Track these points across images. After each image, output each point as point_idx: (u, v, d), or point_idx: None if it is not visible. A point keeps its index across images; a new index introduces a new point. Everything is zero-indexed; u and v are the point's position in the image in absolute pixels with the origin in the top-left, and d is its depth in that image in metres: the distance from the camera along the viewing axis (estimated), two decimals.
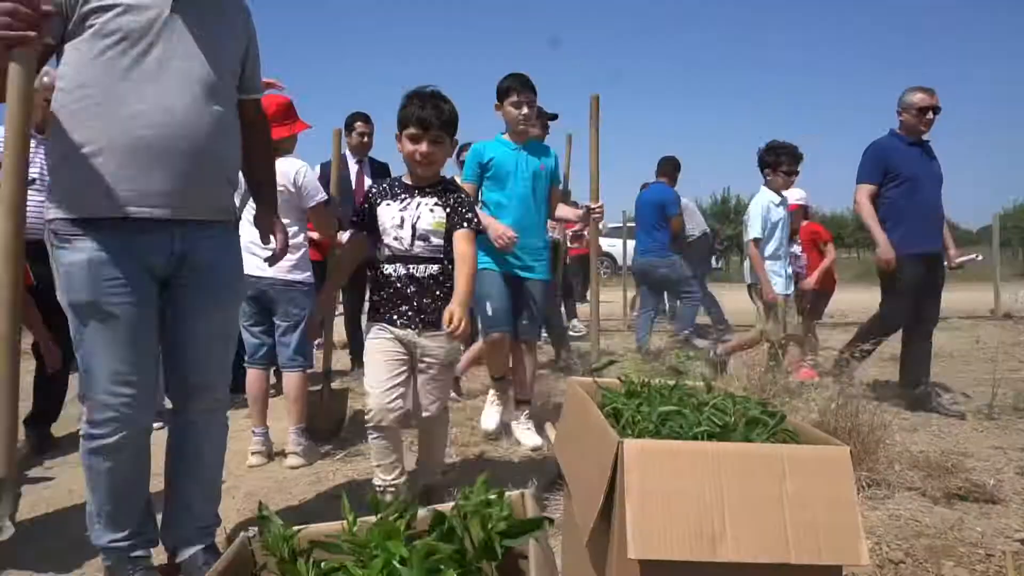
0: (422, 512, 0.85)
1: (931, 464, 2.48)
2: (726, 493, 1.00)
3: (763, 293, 3.81)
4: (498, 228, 2.76)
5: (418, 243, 2.01)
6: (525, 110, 2.90)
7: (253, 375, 2.87)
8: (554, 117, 4.63)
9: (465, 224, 2.03)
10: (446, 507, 0.85)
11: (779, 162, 3.82)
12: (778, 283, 3.87)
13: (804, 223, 4.72)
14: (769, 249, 3.89)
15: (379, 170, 4.38)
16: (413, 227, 2.00)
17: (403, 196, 2.05)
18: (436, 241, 2.01)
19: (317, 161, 4.48)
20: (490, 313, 2.82)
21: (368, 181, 4.20)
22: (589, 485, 1.13)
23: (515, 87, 2.88)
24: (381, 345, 2.02)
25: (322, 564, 0.83)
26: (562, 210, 3.19)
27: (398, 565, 0.75)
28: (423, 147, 1.97)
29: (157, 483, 1.77)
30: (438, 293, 2.02)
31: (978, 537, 1.96)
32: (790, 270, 4.03)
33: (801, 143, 4.00)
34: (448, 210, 2.02)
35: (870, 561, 1.81)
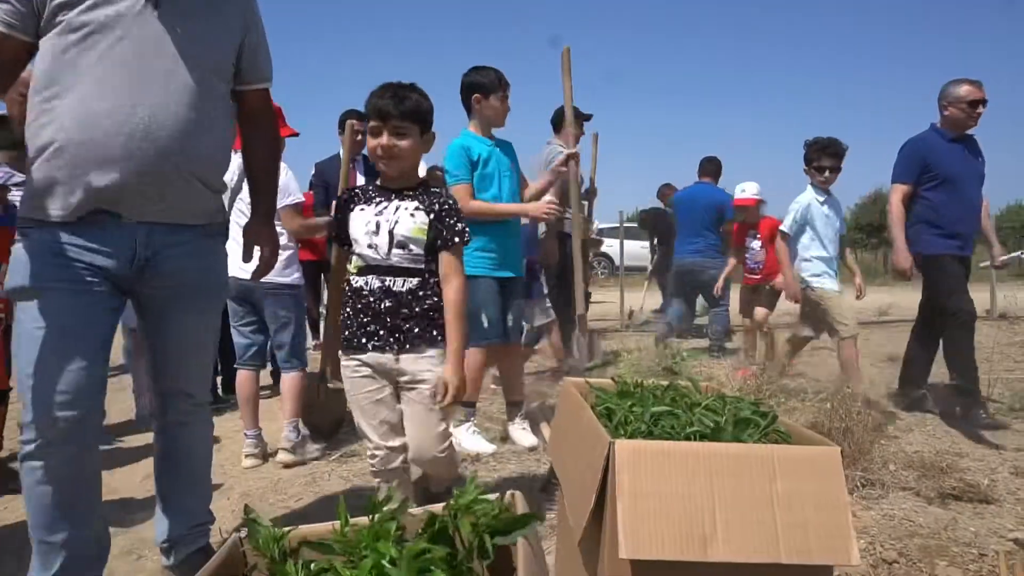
0: (414, 513, 0.85)
1: (925, 464, 2.49)
2: (717, 493, 1.00)
3: (785, 289, 3.63)
4: (538, 206, 2.73)
5: (396, 251, 1.74)
6: (508, 105, 2.87)
7: (243, 376, 2.87)
8: (588, 117, 4.63)
9: (455, 240, 1.76)
10: (437, 507, 0.86)
11: (813, 158, 3.64)
12: (826, 281, 3.59)
13: (763, 217, 4.58)
14: (815, 249, 3.63)
15: (373, 169, 4.36)
16: (390, 233, 1.74)
17: (379, 200, 1.80)
18: (416, 250, 1.75)
19: (315, 159, 4.50)
20: (486, 325, 2.79)
21: (361, 179, 4.17)
22: (581, 485, 1.13)
23: (504, 82, 2.84)
24: (358, 386, 1.77)
25: (312, 565, 0.83)
26: (533, 187, 3.06)
27: (388, 565, 0.75)
28: (383, 139, 1.74)
29: (151, 484, 1.77)
30: (416, 310, 1.74)
31: (971, 537, 1.97)
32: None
33: (796, 143, 3.99)
34: (432, 216, 1.76)
35: (864, 561, 1.82)
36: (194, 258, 1.62)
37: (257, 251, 1.83)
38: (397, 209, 1.77)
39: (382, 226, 1.76)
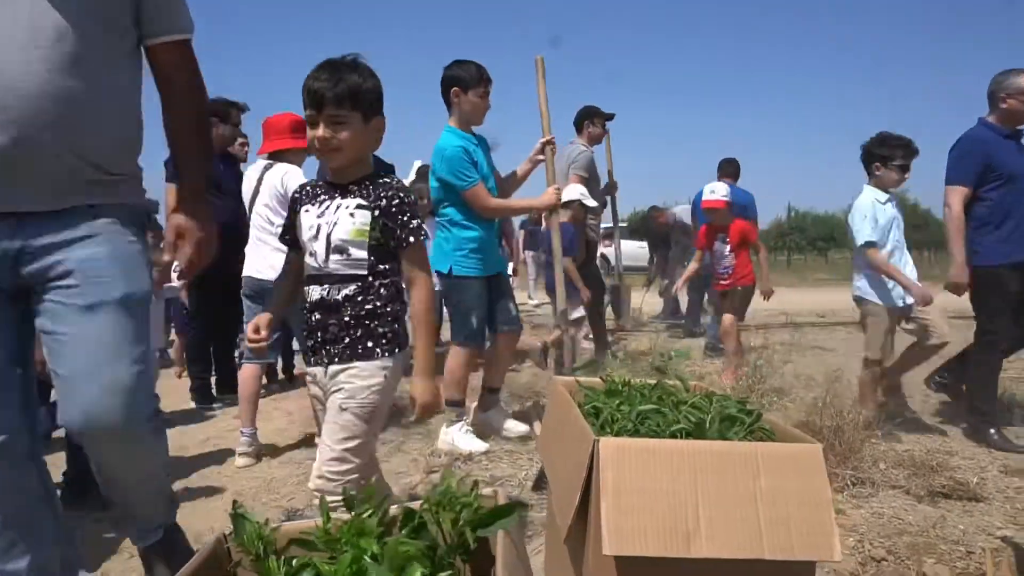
0: (395, 508, 0.86)
1: (916, 462, 2.49)
2: (700, 490, 1.01)
3: (914, 296, 3.00)
4: (547, 198, 2.78)
5: (334, 257, 1.54)
6: (489, 103, 2.87)
7: (248, 371, 2.88)
8: (611, 117, 4.65)
9: (410, 240, 1.55)
10: (416, 504, 0.86)
11: (893, 155, 3.19)
12: (895, 293, 3.09)
13: (734, 220, 4.27)
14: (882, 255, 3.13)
15: (380, 168, 4.24)
16: (328, 237, 1.54)
17: (323, 199, 1.59)
18: (358, 254, 1.54)
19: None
20: (475, 327, 2.82)
21: None
22: (567, 483, 1.14)
23: (485, 78, 2.82)
24: (312, 402, 1.68)
25: (295, 561, 0.83)
26: (520, 174, 3.08)
27: (368, 560, 0.76)
28: (318, 131, 1.51)
29: None
30: (349, 317, 1.54)
31: (959, 535, 1.98)
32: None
33: (791, 143, 3.88)
34: (377, 212, 1.53)
35: (852, 559, 1.82)
36: (80, 248, 1.32)
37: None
38: (338, 209, 1.56)
39: (321, 230, 1.56)
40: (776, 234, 30.44)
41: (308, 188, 1.67)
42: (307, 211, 1.61)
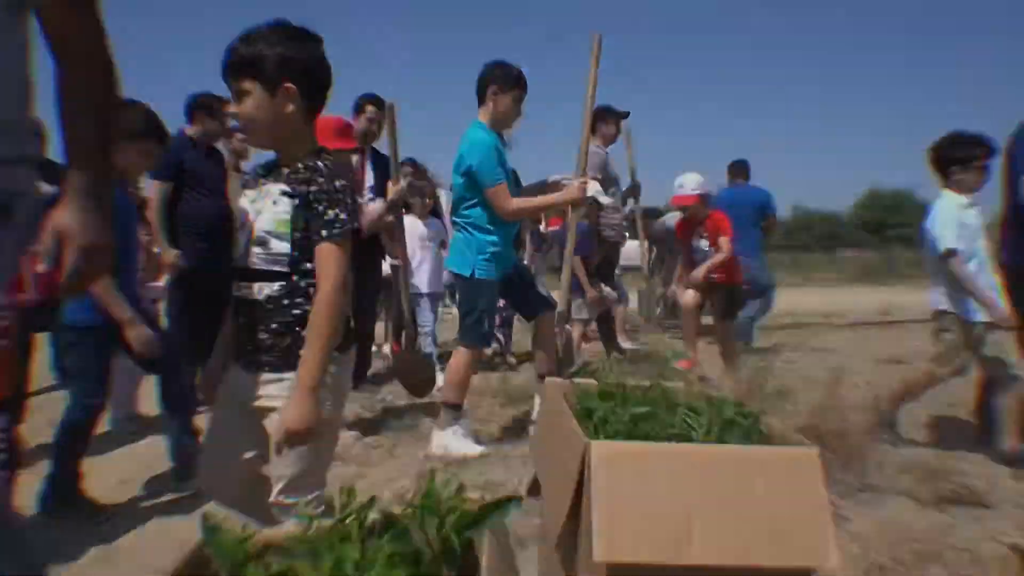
0: (378, 513, 0.84)
1: (923, 468, 2.45)
2: (694, 495, 0.99)
3: (994, 316, 2.77)
4: (573, 192, 2.78)
5: (255, 250, 1.39)
6: (521, 110, 2.85)
7: None
8: (626, 115, 4.61)
9: (322, 233, 1.34)
10: (401, 509, 0.84)
11: (973, 155, 2.92)
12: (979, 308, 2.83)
13: (710, 213, 4.10)
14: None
15: (379, 162, 3.87)
16: (251, 227, 1.41)
17: (263, 183, 1.45)
18: (279, 248, 1.37)
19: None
20: (487, 328, 2.82)
21: (369, 174, 3.73)
22: (559, 487, 1.12)
23: (523, 84, 2.81)
24: (217, 406, 1.52)
25: (275, 567, 0.81)
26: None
27: (350, 566, 0.74)
28: (231, 106, 1.44)
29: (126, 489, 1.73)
30: (274, 325, 1.38)
31: (967, 542, 1.94)
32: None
33: (789, 145, 3.80)
34: (299, 201, 1.36)
35: (857, 567, 1.79)
36: None
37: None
38: (267, 195, 1.40)
39: (248, 217, 1.42)
40: (781, 232, 30.44)
41: (258, 169, 1.54)
42: (245, 195, 1.47)
